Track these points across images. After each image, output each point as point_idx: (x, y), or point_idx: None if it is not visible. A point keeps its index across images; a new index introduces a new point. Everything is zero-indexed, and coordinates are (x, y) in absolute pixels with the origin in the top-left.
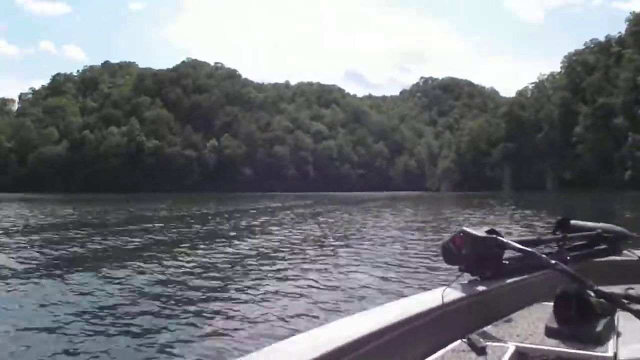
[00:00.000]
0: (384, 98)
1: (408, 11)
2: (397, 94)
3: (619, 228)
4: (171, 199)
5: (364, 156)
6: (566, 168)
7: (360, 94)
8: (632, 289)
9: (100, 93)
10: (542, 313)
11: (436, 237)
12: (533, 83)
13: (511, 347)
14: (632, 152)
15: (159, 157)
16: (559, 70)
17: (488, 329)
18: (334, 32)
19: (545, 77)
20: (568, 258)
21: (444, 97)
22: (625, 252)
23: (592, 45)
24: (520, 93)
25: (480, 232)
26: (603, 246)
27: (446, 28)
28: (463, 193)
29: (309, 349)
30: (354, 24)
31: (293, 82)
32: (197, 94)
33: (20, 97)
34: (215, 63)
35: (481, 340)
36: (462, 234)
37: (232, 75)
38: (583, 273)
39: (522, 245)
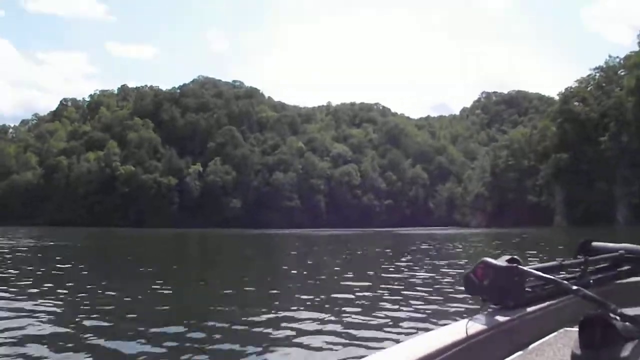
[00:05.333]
0: (440, 118)
1: (489, 39)
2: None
3: None
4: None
5: (394, 183)
6: None
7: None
8: None
9: (100, 117)
10: (567, 340)
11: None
12: (597, 68)
13: None
14: None
15: (132, 185)
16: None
17: (513, 358)
18: (419, 67)
19: (617, 59)
20: (591, 282)
21: (508, 113)
22: None
23: None
24: (581, 82)
25: (501, 261)
26: (627, 267)
27: (528, 54)
28: (497, 230)
29: None
30: (435, 55)
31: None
32: (196, 113)
33: (21, 122)
34: (234, 81)
35: None
36: (483, 265)
37: (252, 94)
38: (607, 296)
39: (544, 272)
